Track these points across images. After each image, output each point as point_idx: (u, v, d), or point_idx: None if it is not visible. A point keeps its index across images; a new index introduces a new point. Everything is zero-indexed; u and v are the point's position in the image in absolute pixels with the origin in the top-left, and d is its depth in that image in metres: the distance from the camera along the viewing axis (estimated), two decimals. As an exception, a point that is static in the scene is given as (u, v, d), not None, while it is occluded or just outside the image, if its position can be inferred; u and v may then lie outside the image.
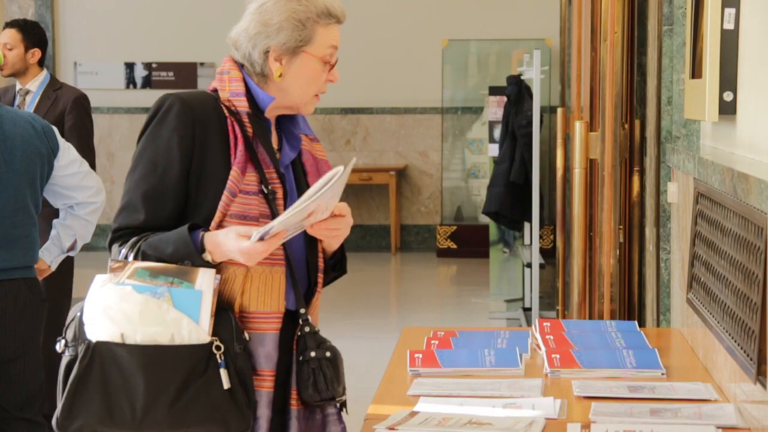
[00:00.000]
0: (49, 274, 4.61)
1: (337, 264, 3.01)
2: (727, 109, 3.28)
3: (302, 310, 2.86)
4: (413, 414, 2.94)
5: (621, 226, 4.87)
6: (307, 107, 2.91)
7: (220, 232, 2.73)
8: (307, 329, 2.85)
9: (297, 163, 2.94)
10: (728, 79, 3.28)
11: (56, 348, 2.80)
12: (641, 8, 4.90)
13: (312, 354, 2.82)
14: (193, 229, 2.75)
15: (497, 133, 9.07)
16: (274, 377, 2.81)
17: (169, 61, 12.63)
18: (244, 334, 2.77)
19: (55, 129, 4.42)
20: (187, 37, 12.53)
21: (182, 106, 2.80)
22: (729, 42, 3.27)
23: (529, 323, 8.23)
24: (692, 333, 3.70)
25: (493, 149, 9.16)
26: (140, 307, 2.70)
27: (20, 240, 4.22)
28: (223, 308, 2.76)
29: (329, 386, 2.83)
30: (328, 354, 2.84)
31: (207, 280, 2.73)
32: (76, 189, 4.45)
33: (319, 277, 2.93)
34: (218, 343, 2.72)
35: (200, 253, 2.73)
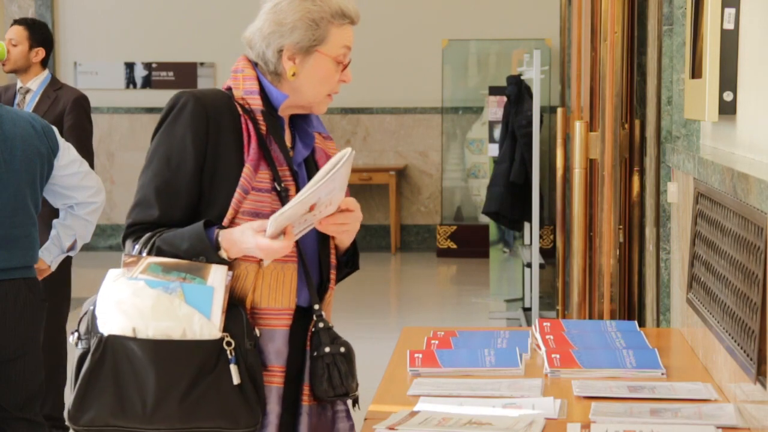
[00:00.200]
0: (49, 274, 4.61)
1: (350, 260, 3.03)
2: (727, 109, 3.28)
3: (316, 306, 2.87)
4: (413, 414, 2.94)
5: (621, 226, 4.87)
6: (319, 107, 2.92)
7: (235, 230, 2.75)
8: (321, 325, 2.86)
9: (310, 160, 2.96)
10: (728, 79, 3.28)
11: (69, 340, 2.83)
12: (641, 8, 4.90)
13: (326, 349, 2.84)
14: (208, 226, 2.77)
15: (497, 133, 9.07)
16: (285, 373, 2.83)
17: (169, 61, 12.63)
18: (255, 331, 2.78)
19: (55, 129, 4.42)
20: (187, 37, 12.52)
21: (196, 103, 2.82)
22: (729, 42, 3.26)
23: (529, 323, 8.22)
24: (692, 333, 3.69)
25: (493, 149, 9.16)
26: (152, 302, 2.72)
27: (20, 240, 4.22)
28: (235, 304, 2.78)
29: (344, 381, 2.85)
30: (342, 349, 2.86)
31: (219, 277, 2.75)
32: (76, 189, 4.45)
33: (332, 274, 2.94)
34: (229, 338, 2.74)
35: (216, 250, 2.75)
